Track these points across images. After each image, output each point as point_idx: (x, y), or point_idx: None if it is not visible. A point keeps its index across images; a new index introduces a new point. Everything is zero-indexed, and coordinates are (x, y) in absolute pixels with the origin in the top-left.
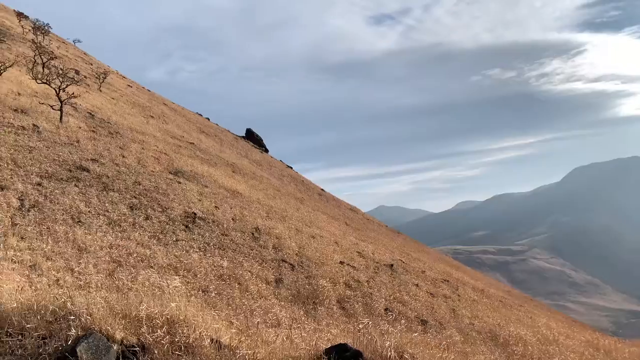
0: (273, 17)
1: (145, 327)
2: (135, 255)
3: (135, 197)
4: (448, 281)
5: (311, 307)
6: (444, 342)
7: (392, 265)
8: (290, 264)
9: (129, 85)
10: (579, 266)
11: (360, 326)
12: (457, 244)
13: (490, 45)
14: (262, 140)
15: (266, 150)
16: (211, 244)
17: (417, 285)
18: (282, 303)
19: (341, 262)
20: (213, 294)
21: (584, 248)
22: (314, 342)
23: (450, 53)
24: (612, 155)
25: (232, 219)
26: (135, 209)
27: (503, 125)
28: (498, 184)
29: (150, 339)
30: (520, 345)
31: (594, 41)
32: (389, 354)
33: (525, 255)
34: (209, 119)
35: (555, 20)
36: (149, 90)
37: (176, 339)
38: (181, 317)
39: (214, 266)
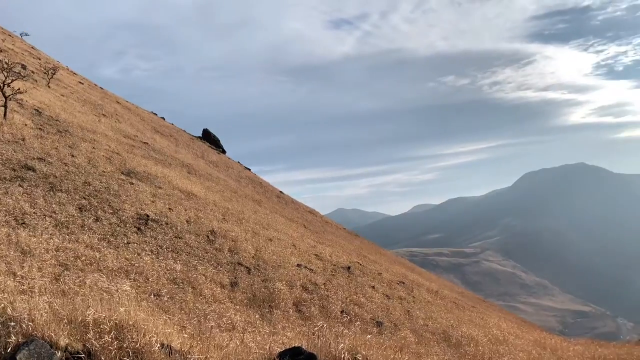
0: (231, 17)
1: (92, 332)
2: (83, 258)
3: (85, 198)
4: (404, 283)
5: (267, 310)
6: (398, 343)
7: (349, 267)
8: (247, 267)
9: (80, 82)
10: (529, 268)
11: (315, 329)
12: (414, 246)
13: (445, 53)
14: (219, 141)
15: (223, 151)
16: (164, 246)
17: (373, 287)
18: (238, 307)
19: (298, 265)
20: (165, 298)
21: (533, 250)
22: (268, 346)
23: (406, 59)
24: (560, 161)
25: (187, 221)
26: (85, 211)
27: (457, 131)
28: (453, 188)
29: (97, 345)
30: (472, 345)
31: (543, 52)
32: (343, 355)
33: (478, 257)
34: (164, 119)
35: (506, 30)
36: (102, 88)
37: (124, 345)
38: (130, 322)
39: (167, 269)
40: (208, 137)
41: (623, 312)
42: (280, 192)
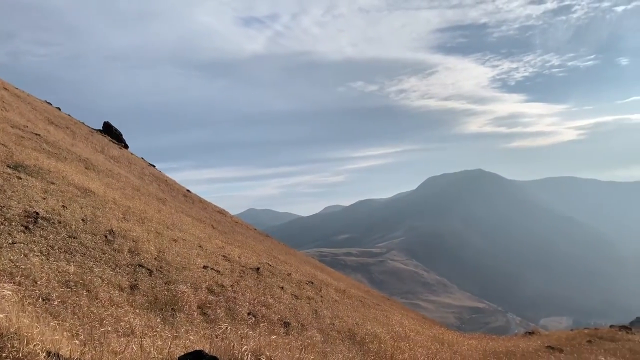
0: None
1: None
2: None
3: None
4: (312, 283)
5: (170, 314)
6: (304, 343)
7: (258, 268)
8: (148, 269)
9: None
10: (430, 267)
11: (218, 332)
12: (324, 246)
13: (354, 58)
14: (121, 135)
15: (126, 146)
16: (56, 247)
17: (282, 287)
18: (137, 310)
19: (205, 267)
20: (56, 303)
21: (435, 250)
22: (167, 350)
23: (317, 62)
24: (460, 167)
25: (82, 220)
26: None
27: (366, 135)
28: (362, 190)
29: None
30: (375, 342)
31: (445, 63)
32: (246, 357)
33: (384, 257)
34: (59, 109)
35: (412, 41)
36: None
37: (4, 354)
38: (12, 329)
39: (59, 272)
40: (109, 130)
41: (513, 308)
42: (188, 190)
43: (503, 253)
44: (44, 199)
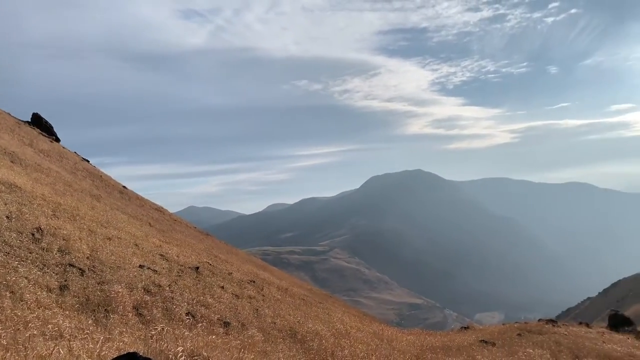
0: None
1: None
2: None
3: None
4: (254, 282)
5: (103, 315)
6: (243, 342)
7: (197, 267)
8: (80, 269)
9: None
10: (372, 265)
11: (152, 332)
12: (267, 245)
13: (298, 57)
14: (52, 127)
15: (57, 140)
16: None
17: (222, 287)
18: (67, 312)
19: (141, 266)
20: None
21: (376, 248)
22: (97, 352)
23: (260, 59)
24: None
25: (7, 217)
26: None
27: (311, 133)
28: (306, 188)
29: None
30: (316, 340)
31: (387, 65)
32: (182, 359)
33: (327, 255)
34: None
35: (355, 42)
36: None
37: None
38: None
39: None
40: (39, 122)
41: (450, 304)
42: (124, 187)
43: (441, 251)
44: None
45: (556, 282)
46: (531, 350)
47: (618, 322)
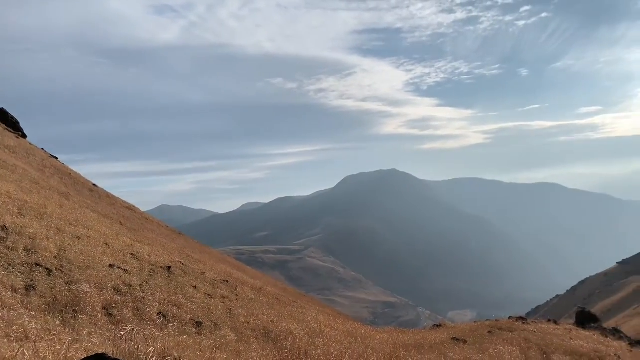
0: None
1: None
2: None
3: None
4: (228, 281)
5: (71, 315)
6: (216, 342)
7: (169, 267)
8: (47, 269)
9: None
10: (347, 264)
11: (122, 333)
12: (241, 244)
13: (273, 54)
14: (18, 123)
15: (24, 136)
16: None
17: (195, 287)
18: (34, 313)
19: (111, 266)
20: None
21: (351, 247)
22: (64, 354)
23: (235, 56)
24: (376, 166)
25: None
26: None
27: (286, 132)
28: (281, 187)
29: None
30: (290, 339)
31: (362, 65)
32: (153, 359)
33: (302, 254)
34: None
35: (330, 41)
36: None
37: None
38: None
39: None
40: (4, 118)
41: (423, 302)
42: (94, 184)
43: (415, 250)
44: None
45: (527, 280)
46: (501, 347)
47: (585, 319)
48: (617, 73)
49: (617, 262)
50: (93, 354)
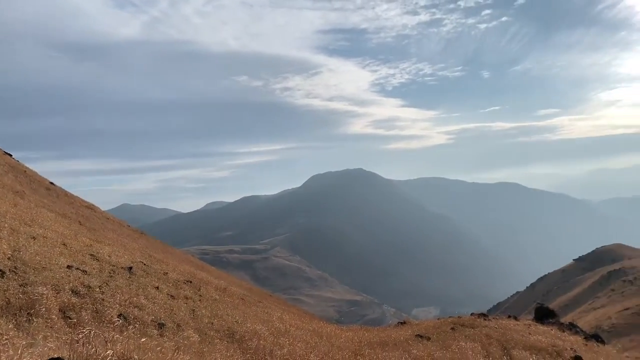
0: None
1: None
2: None
3: None
4: (191, 282)
5: (25, 319)
6: (178, 344)
7: (131, 268)
8: (0, 271)
9: None
10: (313, 262)
11: (79, 336)
12: (205, 244)
13: (238, 52)
14: None
15: None
16: None
17: (157, 287)
18: None
19: (69, 267)
20: None
21: (317, 246)
22: (18, 359)
23: (199, 53)
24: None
25: None
26: None
27: (251, 130)
28: (247, 186)
29: None
30: (255, 339)
31: (328, 65)
32: None
33: (268, 253)
34: None
35: (296, 39)
36: None
37: None
38: None
39: None
40: None
41: (388, 300)
42: (51, 183)
43: (380, 248)
44: None
45: (489, 277)
46: (464, 344)
47: (543, 314)
48: (573, 76)
49: (573, 259)
50: (48, 358)
